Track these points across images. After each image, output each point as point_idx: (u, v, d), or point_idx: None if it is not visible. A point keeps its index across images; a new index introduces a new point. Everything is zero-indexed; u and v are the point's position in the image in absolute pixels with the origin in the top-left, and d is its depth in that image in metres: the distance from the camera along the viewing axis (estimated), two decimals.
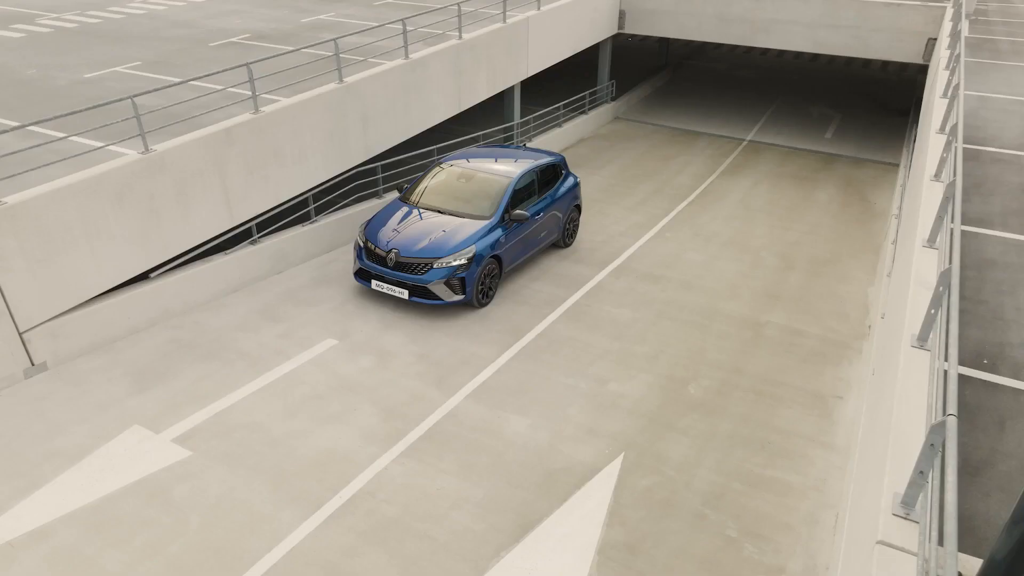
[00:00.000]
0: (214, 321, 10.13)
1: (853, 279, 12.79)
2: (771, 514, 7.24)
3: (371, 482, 7.37)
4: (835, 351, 10.35)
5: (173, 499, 7.00)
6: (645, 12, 20.19)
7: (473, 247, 10.44)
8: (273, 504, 7.02)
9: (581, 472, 7.69)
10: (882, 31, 17.90)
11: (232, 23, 18.29)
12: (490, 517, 7.01)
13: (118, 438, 7.75)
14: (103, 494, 7.00)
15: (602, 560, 6.58)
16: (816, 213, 15.83)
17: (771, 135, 21.18)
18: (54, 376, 8.70)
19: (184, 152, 9.59)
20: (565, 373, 9.45)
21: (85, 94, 12.72)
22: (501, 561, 6.51)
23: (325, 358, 9.44)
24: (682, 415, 8.74)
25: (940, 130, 9.76)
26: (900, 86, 26.11)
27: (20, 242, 8.09)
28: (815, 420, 8.76)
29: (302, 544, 6.58)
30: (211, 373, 8.97)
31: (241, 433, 7.96)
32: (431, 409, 8.56)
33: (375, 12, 19.50)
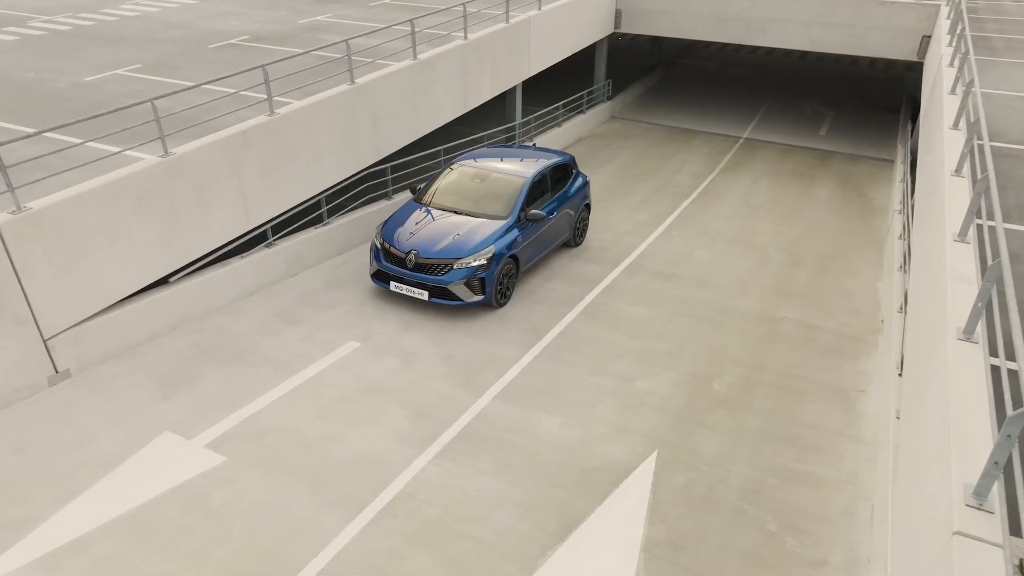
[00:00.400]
0: (233, 325, 10.05)
1: (860, 274, 12.95)
2: (808, 508, 7.32)
3: (410, 484, 7.35)
4: (851, 346, 10.48)
5: (212, 505, 6.94)
6: (641, 11, 20.29)
7: (492, 247, 10.45)
8: (314, 508, 6.98)
9: (617, 470, 7.72)
10: (877, 29, 18.13)
11: (228, 25, 18.14)
12: (532, 517, 7.02)
13: (150, 445, 7.67)
14: (141, 502, 6.93)
15: (648, 558, 6.62)
16: (817, 209, 16.00)
17: (766, 132, 21.37)
18: (78, 383, 8.59)
19: (203, 155, 9.51)
20: (589, 372, 9.49)
21: (87, 97, 12.57)
22: (547, 561, 6.53)
23: (349, 361, 9.40)
24: (709, 411, 8.80)
25: (953, 126, 9.90)
26: (888, 83, 26.45)
27: (44, 248, 7.98)
28: (840, 414, 8.87)
29: (348, 548, 6.56)
30: (236, 377, 8.90)
31: (273, 437, 7.91)
32: (461, 410, 8.56)
33: (372, 13, 19.43)
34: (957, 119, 9.93)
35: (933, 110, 11.94)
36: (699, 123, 21.82)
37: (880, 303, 11.78)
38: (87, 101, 12.29)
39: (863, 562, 6.67)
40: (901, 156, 18.06)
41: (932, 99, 12.74)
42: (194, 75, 13.80)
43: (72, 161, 9.27)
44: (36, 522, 6.62)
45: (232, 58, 14.96)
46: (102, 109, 11.97)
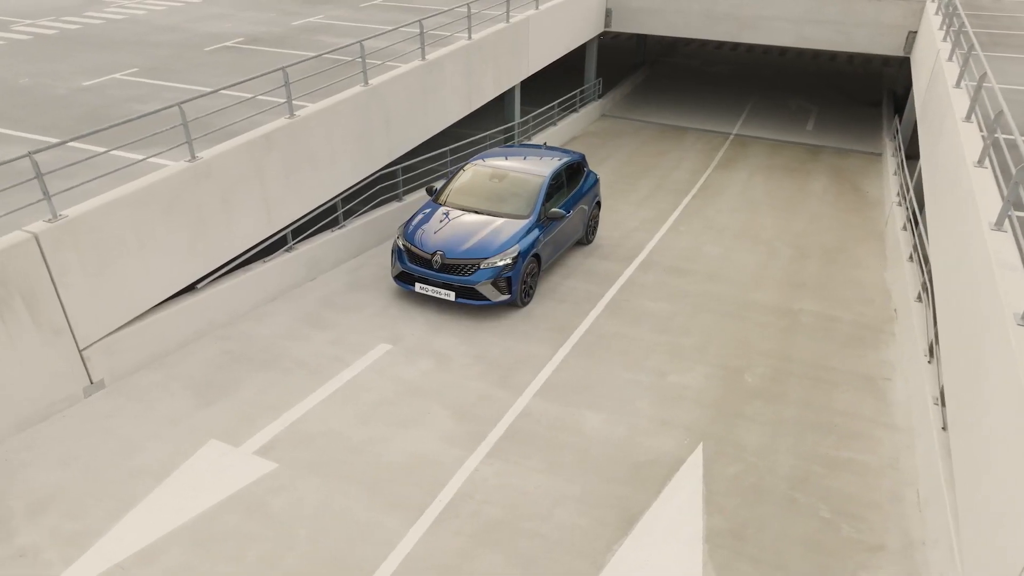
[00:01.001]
0: (261, 330, 9.94)
1: (866, 266, 13.22)
2: (856, 494, 7.48)
3: (466, 484, 7.36)
4: (871, 335, 10.71)
5: (273, 512, 6.88)
6: (632, 10, 20.45)
7: (517, 246, 10.48)
8: (374, 511, 6.95)
9: (667, 463, 7.81)
10: (864, 25, 18.51)
11: (221, 27, 17.90)
12: (593, 512, 7.08)
13: (198, 453, 7.56)
14: (200, 511, 6.83)
15: (712, 548, 6.71)
16: (814, 203, 16.29)
17: (755, 128, 21.68)
18: (114, 393, 8.43)
19: (228, 159, 9.40)
20: (623, 368, 9.57)
21: (90, 102, 12.34)
22: (615, 555, 6.59)
23: (383, 363, 9.36)
24: (746, 403, 8.94)
25: (966, 119, 10.16)
26: (867, 79, 27.01)
27: (79, 256, 7.83)
28: (871, 402, 9.07)
29: (415, 550, 6.55)
30: (273, 383, 8.81)
31: (321, 442, 7.85)
32: (503, 409, 8.58)
33: (364, 14, 19.31)
34: (969, 112, 10.19)
35: (936, 104, 12.23)
36: (689, 120, 22.06)
37: (890, 293, 12.05)
38: (90, 106, 12.07)
39: (918, 545, 6.85)
40: (891, 150, 18.46)
41: (933, 93, 13.05)
42: (193, 78, 13.61)
43: (98, 169, 9.10)
44: (96, 535, 6.50)
45: (229, 61, 14.77)
46: (106, 114, 11.78)
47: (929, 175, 11.47)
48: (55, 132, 10.91)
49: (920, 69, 15.86)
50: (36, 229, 7.41)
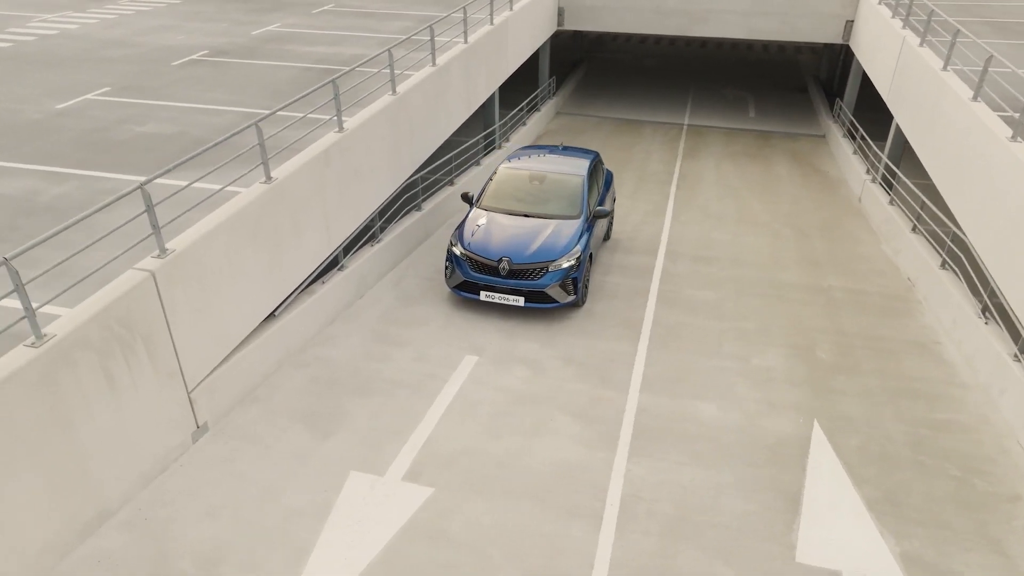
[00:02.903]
0: (335, 354, 9.55)
1: (862, 240, 14.16)
2: (969, 451, 8.09)
3: (627, 485, 7.41)
4: (899, 305, 11.52)
5: (456, 536, 6.69)
6: (584, 8, 20.83)
7: (579, 247, 10.58)
8: (554, 523, 6.90)
9: (795, 443, 8.16)
10: (807, 16, 19.71)
11: (173, 39, 16.88)
12: (756, 497, 7.31)
13: (346, 487, 7.22)
14: (382, 545, 6.55)
15: (878, 516, 7.10)
16: (788, 186, 17.24)
17: (703, 118, 22.61)
18: (221, 435, 7.88)
19: (297, 178, 8.96)
20: (705, 356, 9.87)
21: (77, 126, 11.51)
22: (798, 535, 6.85)
23: (478, 375, 9.23)
24: (831, 378, 9.44)
25: (974, 98, 11.09)
26: (785, 66, 28.69)
27: (186, 292, 7.28)
28: (934, 365, 9.79)
29: (615, 555, 6.56)
30: (382, 407, 8.51)
31: (464, 461, 7.68)
32: (619, 408, 8.67)
33: (322, 21, 18.74)
34: (976, 92, 11.13)
35: (921, 88, 13.21)
36: (640, 113, 22.70)
37: (897, 265, 12.96)
38: (80, 130, 11.26)
39: None
40: (838, 131, 19.73)
41: (909, 78, 14.07)
42: (179, 95, 12.88)
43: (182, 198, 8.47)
44: None
45: (206, 75, 14.01)
46: (107, 138, 11.06)
47: (930, 153, 12.38)
48: (58, 161, 10.13)
49: (873, 54, 17.03)
50: (151, 266, 6.84)
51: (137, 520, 6.67)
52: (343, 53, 15.66)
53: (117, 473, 6.65)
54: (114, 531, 6.53)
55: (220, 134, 11.10)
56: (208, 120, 11.88)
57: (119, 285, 6.52)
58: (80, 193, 9.47)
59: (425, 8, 19.94)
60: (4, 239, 8.22)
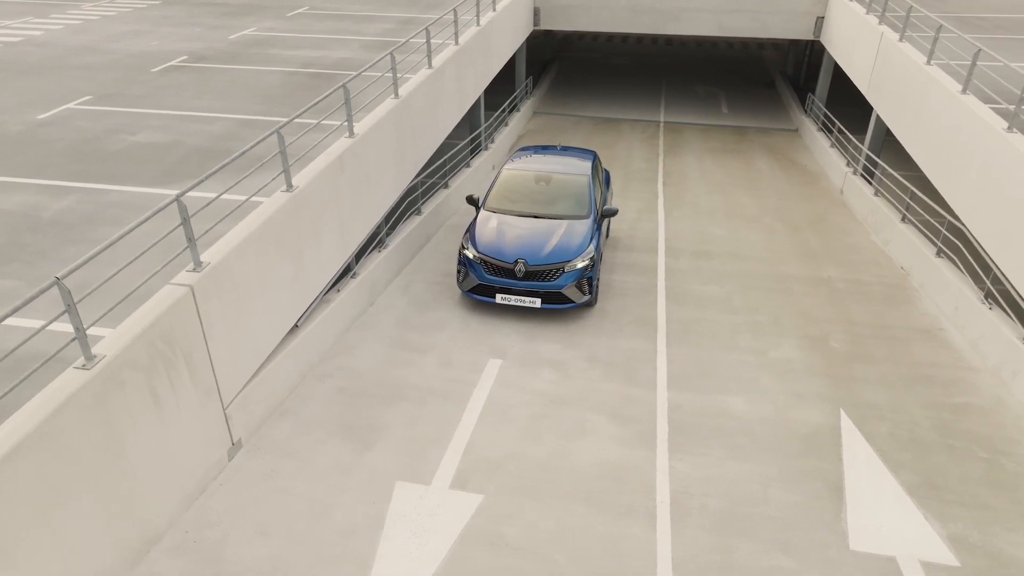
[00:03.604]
0: (357, 363, 9.40)
1: (850, 231, 14.51)
2: (992, 433, 8.36)
3: (674, 482, 7.46)
4: (898, 293, 11.84)
5: (515, 543, 6.65)
6: (559, 8, 20.89)
7: (591, 246, 10.60)
8: (611, 524, 6.90)
9: (827, 432, 8.32)
10: (778, 13, 20.11)
11: (146, 45, 16.43)
12: (801, 488, 7.43)
13: (395, 498, 7.11)
14: (443, 555, 6.47)
15: (922, 501, 7.28)
16: (770, 180, 17.56)
17: (678, 114, 22.89)
18: (256, 451, 7.69)
19: (315, 185, 8.79)
20: (723, 350, 9.99)
21: (65, 137, 11.17)
22: (848, 523, 6.98)
23: (505, 378, 9.19)
24: (849, 367, 9.65)
25: (963, 91, 11.45)
26: (751, 62, 29.23)
27: (221, 306, 7.08)
28: (942, 351, 10.09)
29: (677, 552, 6.59)
30: (416, 415, 8.41)
31: (509, 465, 7.64)
32: (651, 406, 8.72)
33: (299, 24, 18.44)
34: (965, 85, 11.49)
35: (905, 81, 13.58)
36: (616, 111, 22.87)
37: (889, 255, 13.31)
38: (69, 141, 10.95)
39: None
40: (811, 125, 20.17)
41: (890, 72, 14.46)
42: (160, 102, 12.58)
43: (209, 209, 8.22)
44: None
45: (190, 81, 13.69)
46: (99, 148, 10.77)
47: (919, 145, 12.73)
48: (53, 174, 9.82)
49: (848, 50, 17.45)
50: (188, 281, 6.62)
51: (186, 544, 6.45)
52: (328, 57, 15.43)
53: (162, 495, 6.43)
54: (165, 556, 6.31)
55: (217, 142, 10.84)
56: (202, 128, 11.59)
57: (161, 301, 6.30)
58: (83, 207, 9.15)
59: (401, 10, 19.77)
60: (14, 258, 7.88)
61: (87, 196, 9.43)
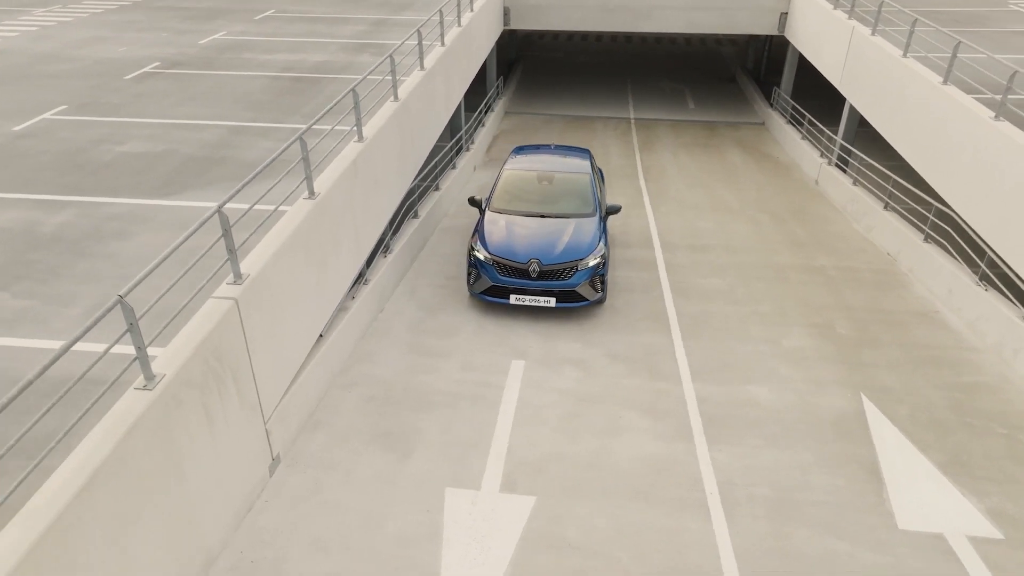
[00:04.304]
0: (380, 370, 9.28)
1: (831, 220, 14.93)
2: (1004, 410, 8.71)
3: (718, 473, 7.57)
4: (889, 278, 12.23)
5: (576, 542, 6.65)
6: (529, 7, 20.93)
7: (601, 243, 10.67)
8: (666, 517, 6.96)
9: (853, 417, 8.55)
10: (744, 9, 20.54)
11: (113, 52, 15.90)
12: (840, 471, 7.62)
13: (447, 505, 7.04)
14: (507, 560, 6.43)
15: (953, 477, 7.56)
16: (745, 173, 17.93)
17: (647, 111, 23.18)
18: (295, 465, 7.51)
19: (334, 191, 8.64)
20: (737, 341, 10.17)
21: (50, 148, 10.82)
22: (892, 503, 7.19)
23: (532, 379, 9.18)
24: (858, 352, 9.93)
25: (944, 82, 11.89)
26: (712, 58, 29.76)
27: (260, 317, 6.90)
28: (943, 333, 10.46)
29: (737, 543, 6.69)
30: (448, 420, 8.34)
31: (553, 466, 7.64)
32: (679, 399, 8.83)
33: (269, 27, 18.07)
34: (946, 76, 11.93)
35: (884, 74, 14.02)
36: (586, 109, 23.03)
37: (873, 241, 13.73)
38: (54, 153, 10.62)
39: None
40: (779, 118, 20.65)
41: (864, 65, 14.90)
42: (141, 111, 12.25)
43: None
44: None
45: (168, 88, 13.32)
46: (88, 159, 10.46)
47: (900, 135, 13.16)
48: (44, 188, 9.51)
49: (817, 44, 17.92)
50: (233, 294, 6.44)
51: (243, 564, 6.27)
52: (307, 60, 15.16)
53: (215, 515, 6.24)
54: None
55: (212, 150, 10.57)
56: (192, 136, 11.27)
57: (209, 316, 6.10)
58: (83, 221, 8.82)
59: (370, 11, 19.55)
60: (22, 276, 7.56)
61: (84, 210, 9.09)
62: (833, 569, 6.39)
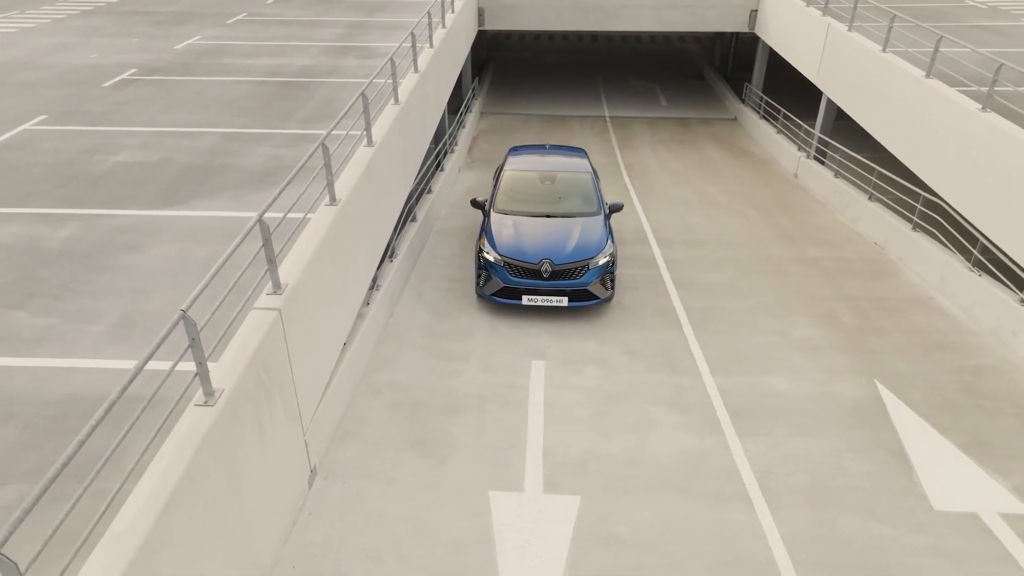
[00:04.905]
0: (402, 376, 9.20)
1: (815, 212, 15.28)
2: (1011, 390, 9.04)
3: (753, 463, 7.69)
4: (881, 267, 12.58)
5: (629, 539, 6.69)
6: (504, 7, 20.94)
7: (610, 242, 10.75)
8: (711, 511, 7.05)
9: (871, 403, 8.77)
10: (714, 7, 20.89)
11: (84, 59, 15.45)
12: (872, 457, 7.82)
13: (494, 508, 7.01)
14: (564, 560, 6.44)
15: (976, 457, 7.81)
16: (725, 168, 18.24)
17: (621, 109, 23.39)
18: (332, 476, 7.40)
19: (353, 196, 8.54)
20: (748, 333, 10.35)
21: (37, 161, 10.48)
22: (924, 485, 7.41)
23: (555, 379, 9.21)
24: (864, 340, 10.20)
25: (927, 75, 12.27)
26: (677, 56, 30.16)
27: (299, 327, 6.78)
28: (940, 318, 10.81)
29: (784, 532, 6.81)
30: (480, 424, 8.31)
31: (592, 464, 7.67)
32: (702, 393, 8.95)
33: (244, 31, 17.74)
34: (928, 70, 12.32)
35: (863, 69, 14.38)
36: (561, 108, 23.13)
37: (859, 232, 14.10)
38: (45, 165, 10.19)
39: None
40: (756, 114, 21.05)
41: (841, 60, 15.27)
42: (127, 119, 11.95)
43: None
44: None
45: (151, 95, 13.00)
46: (80, 171, 10.11)
47: (883, 128, 13.52)
48: (41, 201, 9.21)
49: (790, 40, 18.31)
50: (274, 304, 6.31)
51: None
52: (291, 64, 14.92)
53: (266, 530, 6.11)
54: None
55: (211, 158, 10.34)
56: (186, 144, 11.00)
57: (256, 327, 5.97)
58: (90, 234, 8.54)
59: (344, 14, 19.33)
60: (35, 292, 7.28)
61: (88, 223, 8.80)
62: (880, 553, 6.55)
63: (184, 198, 9.30)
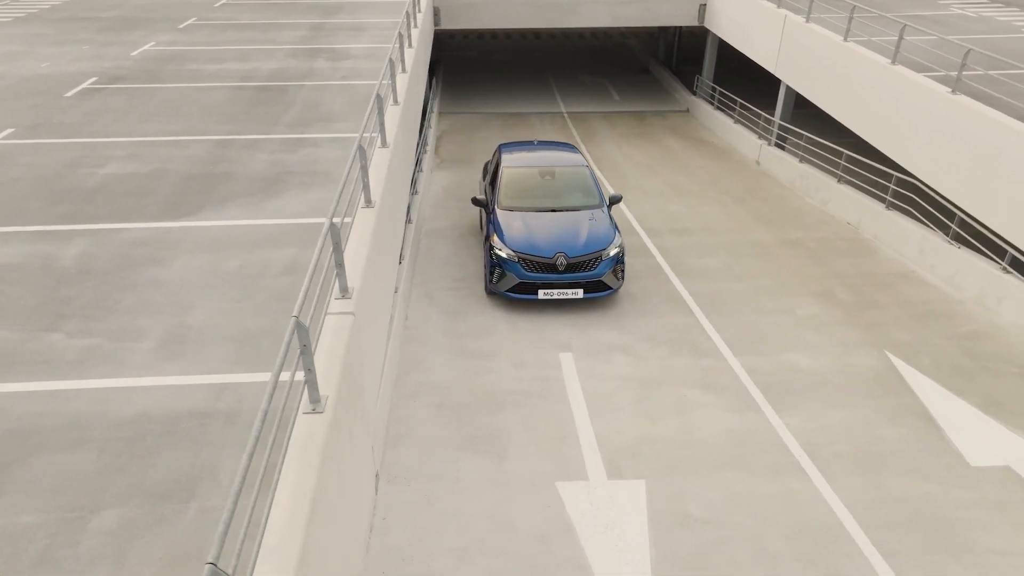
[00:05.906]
0: (436, 378, 9.16)
1: (785, 197, 15.91)
2: (1009, 351, 9.68)
3: (799, 436, 8.02)
4: (860, 245, 13.22)
5: (702, 517, 6.89)
6: (460, 6, 20.93)
7: (618, 233, 10.96)
8: (771, 484, 7.32)
9: (888, 372, 9.25)
10: (666, 2, 21.44)
11: (37, 67, 14.69)
12: (905, 423, 8.25)
13: (565, 498, 7.10)
14: (647, 542, 6.57)
15: (995, 416, 8.35)
16: (688, 158, 18.75)
17: (576, 104, 23.70)
18: (395, 480, 7.33)
19: (385, 197, 8.47)
20: (756, 314, 10.73)
21: (20, 176, 9.94)
22: (957, 444, 7.87)
23: (586, 370, 9.34)
24: (863, 313, 10.72)
25: (892, 62, 12.97)
26: (620, 51, 30.72)
27: (364, 332, 6.70)
28: (926, 289, 11.46)
29: (846, 498, 7.13)
30: (527, 418, 8.37)
31: (646, 448, 7.84)
32: (730, 373, 9.25)
33: (200, 35, 17.22)
34: (894, 57, 13.02)
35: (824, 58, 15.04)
36: (518, 106, 23.26)
37: (831, 213, 14.76)
38: (30, 180, 9.73)
39: None
40: (709, 104, 21.69)
41: (800, 51, 15.93)
42: (103, 130, 11.48)
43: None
44: None
45: (122, 104, 12.54)
46: (71, 186, 9.70)
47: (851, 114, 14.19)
48: (37, 218, 8.78)
49: (745, 33, 18.96)
50: (347, 308, 6.22)
51: None
52: (261, 68, 14.56)
53: (355, 539, 6.02)
54: None
55: (208, 166, 10.02)
56: (177, 152, 10.64)
57: (338, 332, 5.88)
58: (103, 250, 8.18)
59: (300, 16, 18.95)
60: (65, 314, 6.92)
61: (98, 238, 8.42)
62: (935, 508, 6.95)
63: (194, 208, 8.99)
